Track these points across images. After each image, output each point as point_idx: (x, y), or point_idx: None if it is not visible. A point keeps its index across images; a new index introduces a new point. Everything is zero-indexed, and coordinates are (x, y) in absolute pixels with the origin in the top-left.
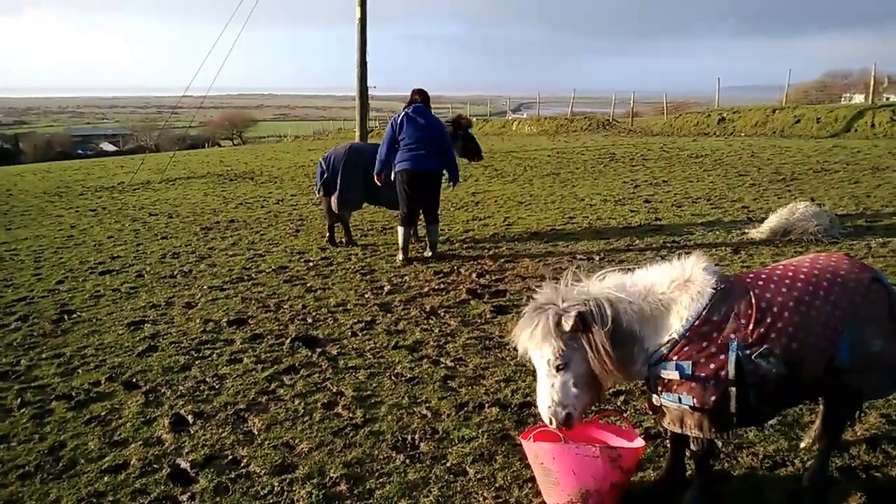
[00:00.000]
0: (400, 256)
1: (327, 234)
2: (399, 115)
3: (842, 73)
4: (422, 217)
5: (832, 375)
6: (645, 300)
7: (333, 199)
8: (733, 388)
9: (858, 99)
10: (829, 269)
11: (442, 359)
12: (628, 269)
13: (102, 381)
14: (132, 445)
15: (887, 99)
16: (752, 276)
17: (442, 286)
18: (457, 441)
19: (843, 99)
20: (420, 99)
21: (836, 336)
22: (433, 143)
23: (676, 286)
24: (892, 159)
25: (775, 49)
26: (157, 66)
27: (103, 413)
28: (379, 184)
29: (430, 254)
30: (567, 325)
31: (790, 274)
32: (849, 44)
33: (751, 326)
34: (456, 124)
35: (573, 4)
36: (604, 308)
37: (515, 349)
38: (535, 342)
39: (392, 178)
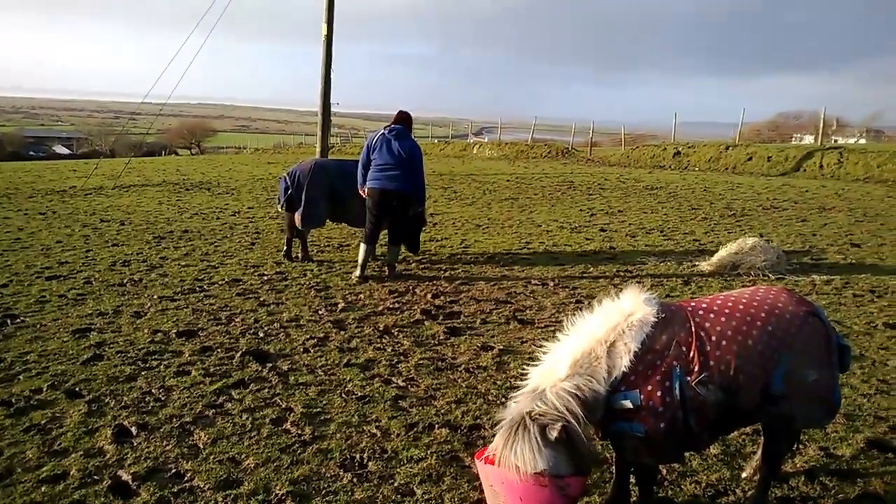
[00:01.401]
0: (357, 273)
1: (284, 248)
2: (375, 135)
3: (793, 114)
4: (384, 235)
5: (767, 402)
6: (597, 360)
7: (297, 216)
8: (680, 414)
9: (808, 140)
10: (768, 301)
11: (393, 378)
12: (572, 325)
13: (44, 389)
14: (72, 455)
15: (835, 141)
16: (692, 304)
17: (397, 305)
18: (405, 461)
19: (793, 139)
20: (402, 120)
21: (771, 365)
22: (402, 165)
23: (617, 325)
24: (838, 200)
25: (731, 88)
26: (117, 71)
27: (43, 421)
28: (364, 196)
29: (387, 273)
30: (553, 434)
31: (730, 304)
32: (801, 86)
33: (691, 354)
34: None
35: (540, 32)
36: (575, 409)
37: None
38: (530, 461)
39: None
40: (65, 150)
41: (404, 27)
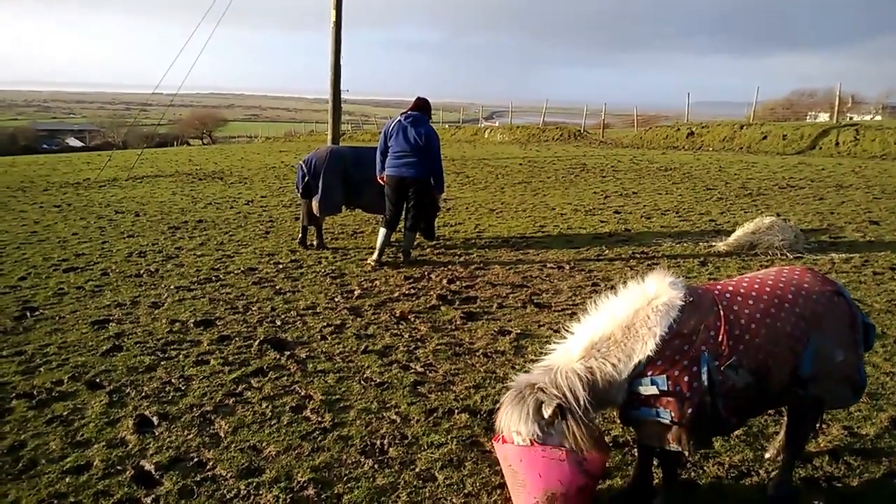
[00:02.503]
0: (374, 256)
1: (300, 236)
2: (392, 122)
3: (808, 91)
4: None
5: (796, 385)
6: (616, 344)
7: (315, 202)
8: (709, 399)
9: (823, 117)
10: (794, 281)
11: (412, 364)
12: (593, 305)
13: (65, 381)
14: (95, 446)
15: (851, 118)
16: (718, 287)
17: (412, 291)
18: (426, 447)
19: (808, 117)
20: (420, 107)
21: (800, 346)
22: (419, 152)
23: (642, 309)
24: (855, 177)
25: (744, 66)
26: (128, 63)
27: (65, 413)
28: (382, 184)
29: (402, 259)
30: (547, 412)
31: (756, 286)
32: (815, 63)
33: (721, 338)
34: None
35: (550, 15)
36: (578, 392)
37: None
38: (515, 426)
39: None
40: (78, 143)
41: (414, 13)
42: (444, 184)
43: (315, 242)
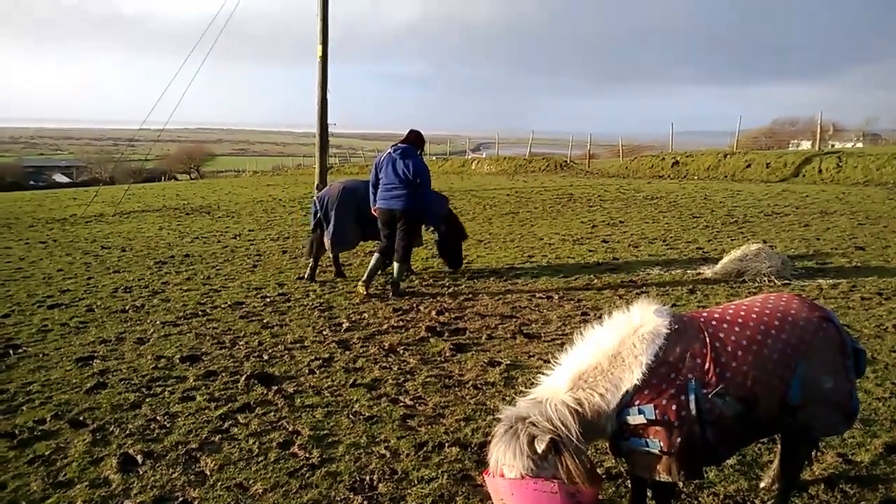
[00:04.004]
0: (362, 279)
1: (308, 273)
2: (382, 155)
3: (790, 120)
4: None
5: (785, 412)
6: (602, 374)
7: (326, 239)
8: (697, 428)
9: (806, 145)
10: (781, 308)
11: (401, 397)
12: (580, 335)
13: (48, 419)
14: (78, 487)
15: (833, 146)
16: (704, 315)
17: (401, 323)
18: (416, 482)
19: (791, 145)
20: (410, 140)
21: (788, 374)
22: (408, 184)
23: (628, 337)
24: (839, 204)
25: (727, 96)
26: (115, 99)
27: (48, 452)
28: (375, 215)
29: (391, 290)
30: (540, 447)
31: (742, 313)
32: (796, 93)
33: (707, 366)
34: None
35: (534, 47)
36: (569, 424)
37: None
38: (509, 462)
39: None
40: (64, 179)
41: (401, 47)
42: (435, 218)
43: (307, 274)
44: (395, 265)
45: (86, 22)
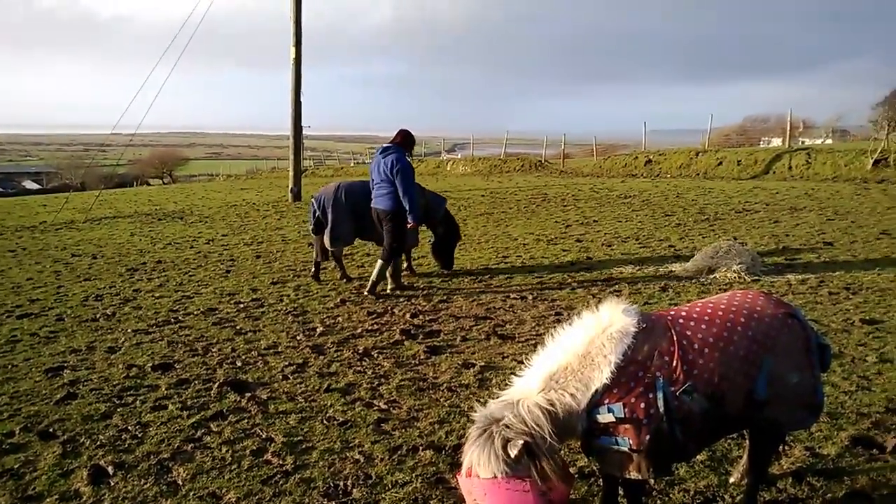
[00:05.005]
0: (389, 285)
1: (313, 271)
2: (375, 156)
3: (760, 117)
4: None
5: (752, 408)
6: (573, 374)
7: (325, 237)
8: (666, 426)
9: (776, 142)
10: (746, 305)
11: (375, 401)
12: (551, 336)
13: (17, 432)
14: (48, 500)
15: (803, 142)
16: (672, 313)
17: (375, 327)
18: (390, 486)
19: (761, 142)
20: (396, 141)
21: (754, 370)
22: (390, 183)
23: (597, 337)
24: (808, 200)
25: (699, 94)
26: (86, 103)
27: (16, 466)
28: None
29: (368, 288)
30: (513, 451)
31: (709, 311)
32: (767, 90)
33: (674, 363)
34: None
35: (507, 48)
36: (542, 426)
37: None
38: (484, 465)
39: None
40: (34, 185)
41: (374, 49)
42: (417, 214)
43: (339, 274)
44: (377, 264)
45: (57, 26)
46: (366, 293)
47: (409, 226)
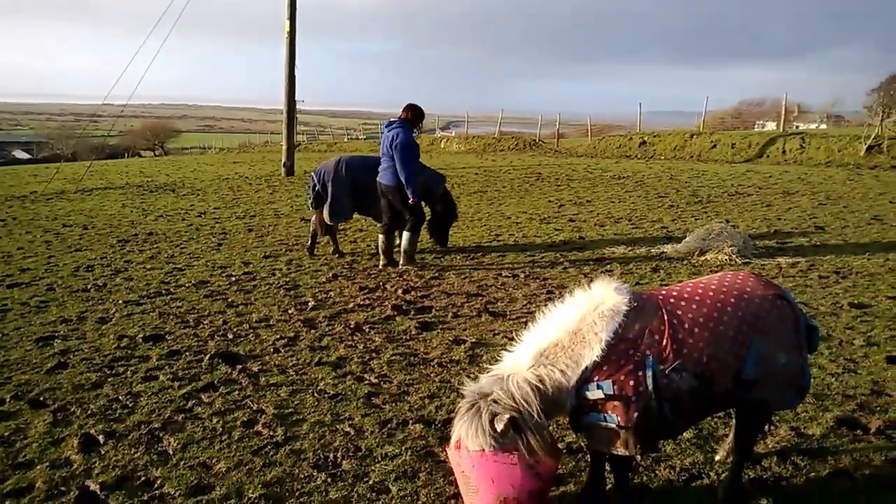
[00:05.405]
0: (381, 261)
1: (309, 244)
2: (383, 130)
3: (756, 101)
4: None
5: (741, 388)
6: (563, 351)
7: (325, 211)
8: (654, 404)
9: (771, 126)
10: (737, 286)
11: (366, 375)
12: (542, 313)
13: (7, 400)
14: (38, 467)
15: (797, 127)
16: (663, 293)
17: (367, 302)
18: (380, 458)
19: (756, 126)
20: (403, 116)
21: (744, 350)
22: (391, 158)
23: (588, 314)
24: (801, 184)
25: (695, 77)
26: (78, 73)
27: (7, 433)
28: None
29: (402, 261)
30: (500, 426)
31: (700, 291)
32: (763, 74)
33: (664, 342)
34: None
35: (505, 27)
36: (531, 401)
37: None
38: (472, 440)
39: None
40: (25, 155)
41: (370, 24)
42: (415, 190)
43: (332, 250)
44: (403, 235)
45: None
46: (401, 266)
47: (410, 201)
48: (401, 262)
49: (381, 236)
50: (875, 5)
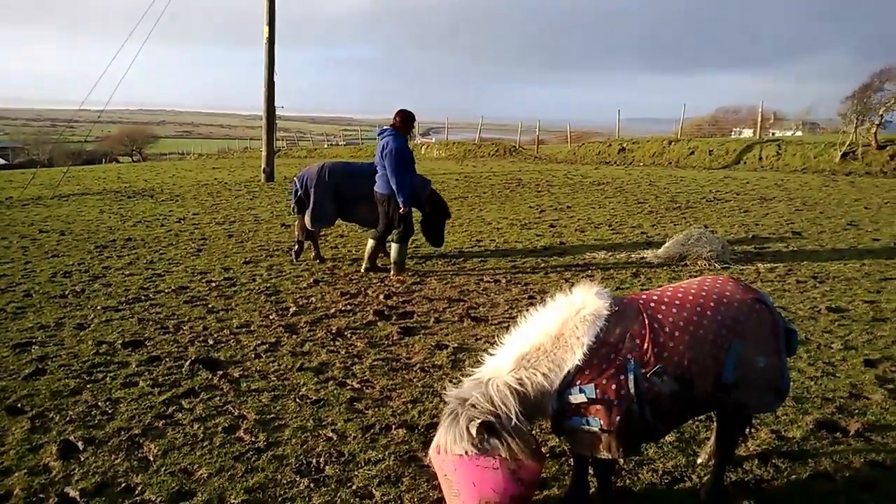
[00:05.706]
0: (363, 265)
1: (295, 249)
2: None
3: (732, 108)
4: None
5: (720, 391)
6: (545, 355)
7: (306, 216)
8: (636, 407)
9: (747, 133)
10: (716, 291)
11: (348, 380)
12: (524, 318)
13: None
14: (16, 474)
15: (773, 134)
16: (644, 297)
17: (349, 307)
18: (363, 464)
19: (733, 133)
20: (393, 123)
21: (723, 354)
22: (383, 167)
23: (570, 319)
24: (777, 190)
25: (672, 84)
26: (54, 78)
27: None
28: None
29: (392, 272)
30: (473, 430)
31: (680, 295)
32: (739, 82)
33: (646, 346)
34: None
35: (485, 34)
36: (509, 404)
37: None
38: (451, 446)
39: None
40: (0, 161)
41: (350, 31)
42: (405, 199)
43: (314, 255)
44: (393, 246)
45: None
46: (391, 277)
47: (400, 210)
48: (391, 274)
49: (371, 241)
50: (848, 14)
